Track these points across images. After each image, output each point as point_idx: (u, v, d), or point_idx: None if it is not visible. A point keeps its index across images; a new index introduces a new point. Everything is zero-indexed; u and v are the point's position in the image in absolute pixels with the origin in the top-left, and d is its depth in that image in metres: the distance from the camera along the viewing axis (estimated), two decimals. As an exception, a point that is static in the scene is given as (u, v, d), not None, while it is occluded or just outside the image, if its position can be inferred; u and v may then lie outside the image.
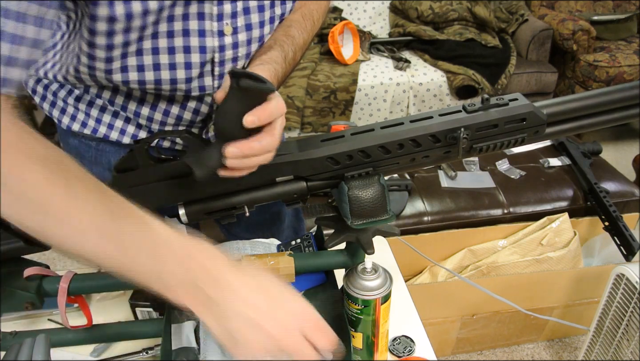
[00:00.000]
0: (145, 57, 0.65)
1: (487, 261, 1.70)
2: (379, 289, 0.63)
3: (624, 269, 1.26)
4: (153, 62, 0.66)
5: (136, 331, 0.73)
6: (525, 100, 0.60)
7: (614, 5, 3.10)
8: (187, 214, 0.60)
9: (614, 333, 1.35)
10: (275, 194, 0.61)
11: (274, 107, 0.53)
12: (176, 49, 0.66)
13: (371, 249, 0.62)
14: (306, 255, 0.69)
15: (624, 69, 2.71)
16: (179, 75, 0.68)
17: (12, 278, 0.63)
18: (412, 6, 2.93)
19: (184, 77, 0.69)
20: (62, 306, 0.63)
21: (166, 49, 0.65)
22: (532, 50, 2.84)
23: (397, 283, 0.80)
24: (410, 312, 0.81)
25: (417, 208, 1.75)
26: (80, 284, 0.64)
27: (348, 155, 0.58)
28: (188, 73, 0.69)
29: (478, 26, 2.95)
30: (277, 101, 0.54)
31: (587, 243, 1.83)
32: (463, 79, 2.60)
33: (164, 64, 0.67)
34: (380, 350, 0.68)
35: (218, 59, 0.69)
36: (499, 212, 1.77)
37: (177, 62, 0.67)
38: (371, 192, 0.59)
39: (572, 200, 1.80)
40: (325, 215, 0.68)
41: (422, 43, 2.86)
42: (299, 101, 2.47)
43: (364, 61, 2.76)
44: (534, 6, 3.11)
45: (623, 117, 0.64)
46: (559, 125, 0.63)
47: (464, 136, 0.57)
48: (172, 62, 0.67)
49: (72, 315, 0.69)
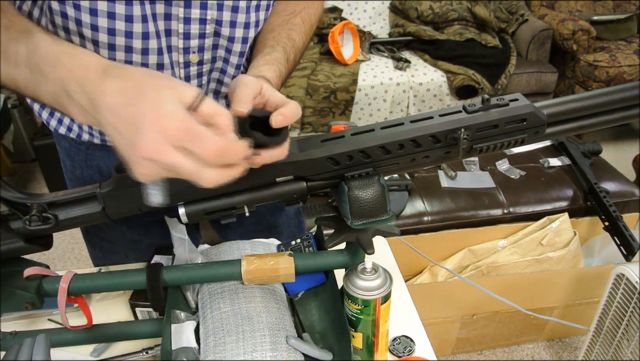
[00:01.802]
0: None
1: (487, 261, 1.71)
2: (379, 289, 0.63)
3: (624, 269, 1.26)
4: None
5: (136, 331, 0.73)
6: (526, 100, 0.59)
7: (614, 5, 3.10)
8: (187, 214, 0.60)
9: (614, 333, 1.35)
10: (275, 194, 0.61)
11: (296, 108, 0.54)
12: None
13: (371, 249, 0.62)
14: (306, 255, 0.69)
15: (624, 69, 2.71)
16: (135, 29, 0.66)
17: (12, 278, 0.62)
18: (412, 6, 2.93)
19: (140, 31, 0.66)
20: (62, 306, 0.63)
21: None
22: (532, 50, 2.84)
23: (397, 283, 0.80)
24: (410, 312, 0.81)
25: (417, 208, 1.75)
26: (80, 284, 0.64)
27: (348, 155, 0.57)
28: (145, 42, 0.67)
29: (478, 26, 2.95)
30: (295, 104, 0.55)
31: (587, 243, 1.83)
32: (463, 79, 2.60)
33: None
34: (380, 350, 0.68)
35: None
36: (499, 212, 1.77)
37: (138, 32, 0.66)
38: (371, 192, 0.59)
39: (572, 200, 1.80)
40: (325, 215, 0.68)
41: (422, 43, 2.86)
42: (299, 100, 2.47)
43: (364, 60, 2.76)
44: (534, 6, 3.11)
45: (623, 117, 0.64)
46: (559, 125, 0.63)
47: (464, 136, 0.57)
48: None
49: (72, 315, 0.69)
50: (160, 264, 0.67)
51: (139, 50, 0.66)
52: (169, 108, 0.44)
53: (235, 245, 0.79)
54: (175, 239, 0.74)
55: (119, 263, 0.92)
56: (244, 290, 0.69)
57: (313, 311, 0.74)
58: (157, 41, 0.66)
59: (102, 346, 0.76)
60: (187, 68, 0.72)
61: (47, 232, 0.61)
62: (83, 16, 0.61)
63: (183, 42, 0.68)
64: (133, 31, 0.64)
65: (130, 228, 0.90)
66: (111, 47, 0.65)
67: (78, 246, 2.30)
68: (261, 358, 0.60)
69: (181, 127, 0.43)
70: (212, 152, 0.44)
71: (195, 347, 0.65)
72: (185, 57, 0.70)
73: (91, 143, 0.81)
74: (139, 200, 0.58)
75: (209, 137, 0.44)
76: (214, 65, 0.75)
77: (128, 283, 0.66)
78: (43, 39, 0.51)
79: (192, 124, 0.44)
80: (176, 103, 0.44)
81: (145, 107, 0.44)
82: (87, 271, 0.68)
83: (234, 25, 0.70)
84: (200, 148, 0.44)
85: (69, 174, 0.88)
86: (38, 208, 0.58)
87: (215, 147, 0.44)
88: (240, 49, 0.73)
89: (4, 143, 2.74)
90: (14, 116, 2.68)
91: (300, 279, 0.70)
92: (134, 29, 0.64)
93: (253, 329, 0.63)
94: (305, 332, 0.70)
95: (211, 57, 0.73)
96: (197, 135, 0.44)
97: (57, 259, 2.25)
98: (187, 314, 0.70)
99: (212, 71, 0.76)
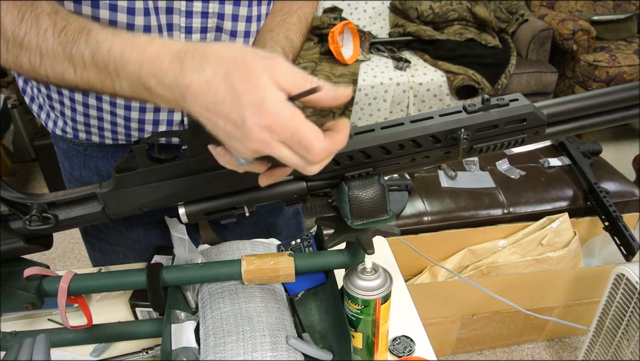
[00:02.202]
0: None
1: (487, 261, 1.70)
2: (379, 289, 0.63)
3: (624, 269, 1.26)
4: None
5: (136, 331, 0.73)
6: (526, 100, 0.59)
7: (614, 5, 3.10)
8: (187, 214, 0.60)
9: (614, 333, 1.35)
10: (275, 194, 0.61)
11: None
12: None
13: (371, 249, 0.62)
14: (306, 255, 0.69)
15: (624, 69, 2.71)
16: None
17: (12, 278, 0.62)
18: (412, 6, 2.92)
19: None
20: (62, 306, 0.63)
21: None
22: (532, 50, 2.84)
23: (397, 283, 0.80)
24: (410, 312, 0.81)
25: (417, 208, 1.75)
26: (80, 284, 0.64)
27: (348, 155, 0.57)
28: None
29: (478, 26, 2.95)
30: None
31: (587, 243, 1.83)
32: (463, 79, 2.60)
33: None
34: (380, 350, 0.68)
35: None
36: (499, 212, 1.77)
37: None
38: (371, 192, 0.59)
39: (572, 200, 1.80)
40: (325, 215, 0.68)
41: (422, 43, 2.86)
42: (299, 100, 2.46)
43: (364, 61, 2.76)
44: (534, 6, 3.11)
45: (623, 117, 0.64)
46: (559, 125, 0.63)
47: (464, 136, 0.57)
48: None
49: (72, 315, 0.69)
50: (160, 264, 0.67)
51: None
52: (271, 105, 0.41)
53: (235, 245, 0.79)
54: (175, 239, 0.74)
55: (118, 264, 0.92)
56: (244, 290, 0.69)
57: (313, 311, 0.74)
58: (159, 35, 0.66)
59: (102, 346, 0.76)
60: None
61: (47, 232, 0.61)
62: (84, 9, 0.61)
63: (185, 36, 0.68)
64: (135, 24, 0.64)
65: (129, 228, 0.90)
66: None
67: (78, 246, 2.30)
68: (261, 358, 0.60)
69: (287, 127, 0.42)
70: (317, 158, 0.44)
71: (195, 347, 0.65)
72: None
73: (89, 143, 0.81)
74: (139, 200, 0.59)
75: (316, 142, 0.43)
76: None
77: (128, 283, 0.66)
78: (101, 34, 0.48)
79: (296, 124, 0.42)
80: (276, 93, 0.42)
81: (244, 103, 0.41)
82: (87, 271, 0.68)
83: (235, 19, 0.70)
84: (304, 152, 0.43)
85: (68, 175, 0.88)
86: (38, 208, 0.58)
87: (322, 154, 0.43)
88: (242, 43, 0.72)
89: (4, 143, 2.74)
90: (14, 116, 2.68)
91: (300, 279, 0.70)
92: (136, 22, 0.64)
93: (253, 329, 0.63)
94: (305, 332, 0.70)
95: None
96: (303, 139, 0.42)
97: (57, 259, 2.25)
98: (187, 314, 0.70)
99: None
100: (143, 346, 0.75)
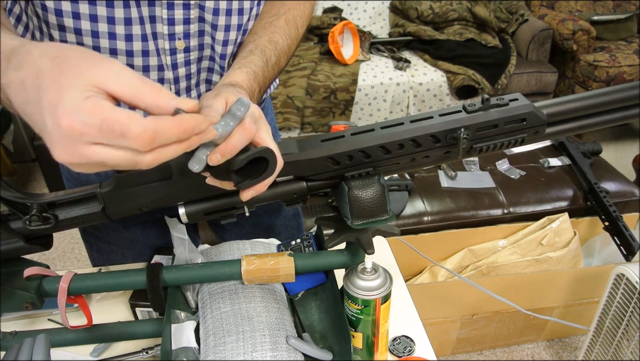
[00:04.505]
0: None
1: (487, 261, 1.71)
2: (379, 289, 0.63)
3: (624, 269, 1.26)
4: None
5: (136, 331, 0.74)
6: (526, 100, 0.60)
7: (614, 5, 3.10)
8: (187, 214, 0.60)
9: (614, 333, 1.35)
10: (275, 194, 0.61)
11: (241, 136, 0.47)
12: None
13: (371, 249, 0.62)
14: (306, 255, 0.69)
15: (624, 69, 2.71)
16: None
17: (12, 278, 0.62)
18: (412, 6, 2.93)
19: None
20: (62, 306, 0.63)
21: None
22: (532, 50, 2.84)
23: (397, 283, 0.80)
24: (410, 312, 0.81)
25: (417, 208, 1.75)
26: (80, 284, 0.64)
27: (348, 155, 0.57)
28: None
29: (478, 26, 2.95)
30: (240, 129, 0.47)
31: (587, 243, 1.83)
32: (463, 79, 2.60)
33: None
34: (380, 350, 0.68)
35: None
36: (499, 212, 1.77)
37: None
38: (371, 192, 0.59)
39: (572, 200, 1.80)
40: (325, 215, 0.68)
41: (422, 43, 2.86)
42: (299, 101, 2.47)
43: (364, 60, 2.76)
44: (534, 6, 3.11)
45: (623, 117, 0.64)
46: (559, 125, 0.63)
47: (464, 136, 0.57)
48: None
49: (72, 315, 0.69)
50: (160, 264, 0.67)
51: (122, 36, 0.66)
52: (69, 103, 0.37)
53: (235, 245, 0.79)
54: (175, 239, 0.74)
55: (116, 264, 0.92)
56: (244, 290, 0.69)
57: (313, 311, 0.74)
58: (141, 27, 0.66)
59: (102, 346, 0.76)
60: (173, 55, 0.71)
61: (47, 232, 0.61)
62: (64, 5, 0.61)
63: (168, 27, 0.68)
64: (115, 17, 0.63)
65: (128, 228, 0.90)
66: (94, 34, 0.64)
67: (78, 246, 2.30)
68: (261, 358, 0.60)
69: (90, 121, 0.37)
70: (141, 141, 0.38)
71: (195, 347, 0.65)
72: (171, 44, 0.70)
73: None
74: (139, 200, 0.59)
75: (132, 124, 0.37)
76: (203, 53, 0.74)
77: (128, 283, 0.66)
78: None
79: (105, 113, 0.37)
80: (81, 92, 0.37)
81: (43, 104, 0.37)
82: (87, 271, 0.68)
83: (217, 13, 0.69)
84: (123, 140, 0.38)
85: (67, 175, 0.88)
86: (38, 208, 0.58)
87: (143, 135, 0.37)
88: (224, 37, 0.72)
89: (4, 143, 2.74)
90: (14, 116, 2.68)
91: (300, 279, 0.70)
92: (116, 14, 0.63)
93: (253, 329, 0.63)
94: (305, 332, 0.70)
95: (198, 44, 0.72)
96: (115, 125, 0.37)
97: (57, 259, 2.25)
98: (187, 314, 0.70)
99: (202, 59, 0.74)
100: (143, 346, 0.75)
